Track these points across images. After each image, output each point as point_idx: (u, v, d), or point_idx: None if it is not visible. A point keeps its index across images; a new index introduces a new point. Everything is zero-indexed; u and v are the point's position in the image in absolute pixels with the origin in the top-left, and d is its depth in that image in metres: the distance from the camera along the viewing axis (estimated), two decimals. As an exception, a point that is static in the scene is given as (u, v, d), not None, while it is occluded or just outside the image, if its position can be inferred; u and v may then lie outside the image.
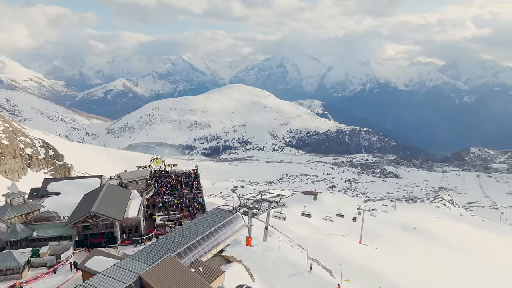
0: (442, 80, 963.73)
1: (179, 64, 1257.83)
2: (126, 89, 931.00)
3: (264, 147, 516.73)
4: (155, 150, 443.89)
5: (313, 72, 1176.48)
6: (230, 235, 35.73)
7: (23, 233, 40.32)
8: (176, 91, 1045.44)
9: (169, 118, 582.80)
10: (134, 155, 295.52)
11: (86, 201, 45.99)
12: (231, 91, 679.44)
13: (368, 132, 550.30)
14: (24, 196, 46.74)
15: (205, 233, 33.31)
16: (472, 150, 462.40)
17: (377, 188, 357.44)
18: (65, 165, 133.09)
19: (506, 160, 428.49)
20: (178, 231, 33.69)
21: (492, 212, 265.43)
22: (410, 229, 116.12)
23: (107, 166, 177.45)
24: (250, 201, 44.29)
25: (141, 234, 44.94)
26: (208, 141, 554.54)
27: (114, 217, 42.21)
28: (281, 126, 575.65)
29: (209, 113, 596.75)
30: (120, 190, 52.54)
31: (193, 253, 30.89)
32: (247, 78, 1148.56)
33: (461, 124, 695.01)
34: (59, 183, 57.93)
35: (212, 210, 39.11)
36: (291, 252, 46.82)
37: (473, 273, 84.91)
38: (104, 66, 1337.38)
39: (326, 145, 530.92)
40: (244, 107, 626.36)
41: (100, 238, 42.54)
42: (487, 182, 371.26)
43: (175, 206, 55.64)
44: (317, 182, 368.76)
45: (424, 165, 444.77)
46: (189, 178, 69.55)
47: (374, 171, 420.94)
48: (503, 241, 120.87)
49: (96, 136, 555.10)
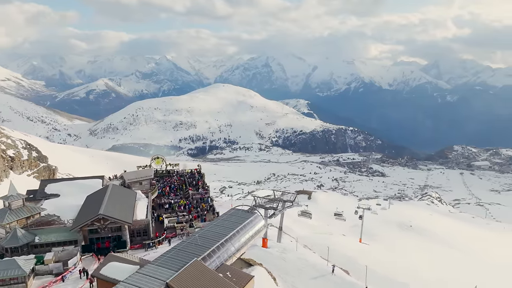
0: (425, 79, 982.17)
1: (163, 64, 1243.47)
2: (108, 89, 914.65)
3: (251, 147, 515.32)
4: (140, 151, 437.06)
5: (298, 71, 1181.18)
6: (252, 236, 33.72)
7: (24, 238, 37.34)
8: (161, 91, 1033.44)
9: (154, 118, 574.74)
10: (119, 156, 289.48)
11: (90, 203, 43.13)
12: (216, 90, 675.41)
13: (354, 131, 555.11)
14: (23, 199, 43.41)
15: (228, 235, 31.23)
16: (455, 148, 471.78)
17: (364, 186, 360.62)
18: (49, 167, 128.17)
19: (488, 157, 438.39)
20: (200, 234, 31.42)
21: (477, 209, 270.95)
22: (406, 227, 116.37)
23: (92, 168, 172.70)
24: (263, 201, 42.24)
25: (150, 237, 42.30)
26: (193, 141, 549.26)
27: (124, 220, 39.58)
28: (267, 125, 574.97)
29: (194, 113, 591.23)
30: (126, 191, 49.78)
31: (218, 257, 28.79)
32: (232, 78, 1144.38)
33: (444, 122, 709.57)
34: (57, 184, 54.63)
35: (230, 211, 36.96)
36: (308, 253, 45.07)
37: (473, 269, 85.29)
38: (86, 66, 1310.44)
39: (312, 144, 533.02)
40: (230, 107, 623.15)
41: (108, 243, 39.84)
42: (471, 179, 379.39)
43: (183, 207, 53.13)
44: (305, 182, 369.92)
45: (410, 163, 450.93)
46: (193, 178, 67.08)
47: (361, 170, 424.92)
48: (495, 237, 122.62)
49: (78, 137, 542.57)
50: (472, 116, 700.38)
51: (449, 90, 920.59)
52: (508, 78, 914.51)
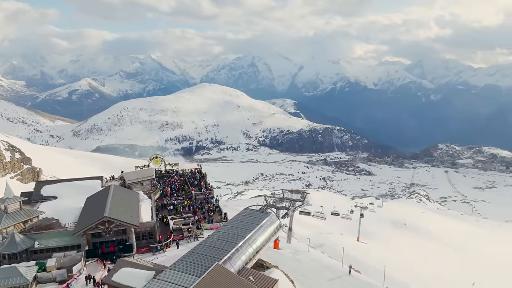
0: (409, 79, 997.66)
1: (147, 63, 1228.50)
2: (92, 89, 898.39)
3: (238, 147, 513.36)
4: (125, 152, 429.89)
5: (284, 71, 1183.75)
6: (269, 237, 32.21)
7: (23, 244, 34.78)
8: (145, 91, 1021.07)
9: (139, 118, 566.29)
10: (105, 157, 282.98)
11: (92, 205, 40.77)
12: (203, 90, 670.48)
13: (341, 131, 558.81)
14: (20, 202, 40.63)
15: (247, 237, 29.63)
16: (440, 146, 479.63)
17: (352, 185, 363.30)
18: (33, 168, 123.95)
19: (471, 155, 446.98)
20: (218, 236, 29.66)
21: (464, 206, 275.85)
22: (400, 225, 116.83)
23: (77, 169, 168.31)
24: (272, 200, 40.72)
25: (157, 240, 40.19)
26: (180, 141, 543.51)
27: (130, 222, 37.44)
28: (254, 125, 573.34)
29: (180, 113, 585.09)
30: (128, 192, 47.44)
31: (239, 260, 27.12)
32: (219, 78, 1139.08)
33: (428, 121, 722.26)
34: (54, 186, 51.74)
35: (244, 211, 35.30)
36: (320, 254, 43.78)
37: (469, 266, 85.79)
38: (68, 65, 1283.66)
39: (299, 144, 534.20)
40: (216, 107, 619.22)
41: (112, 247, 37.56)
42: (455, 177, 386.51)
43: (187, 208, 51.06)
44: (293, 181, 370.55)
45: (396, 162, 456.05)
46: (195, 178, 64.95)
47: (348, 168, 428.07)
48: (487, 234, 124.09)
49: (61, 138, 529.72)
50: (455, 115, 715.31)
51: (432, 89, 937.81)
52: (489, 78, 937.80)
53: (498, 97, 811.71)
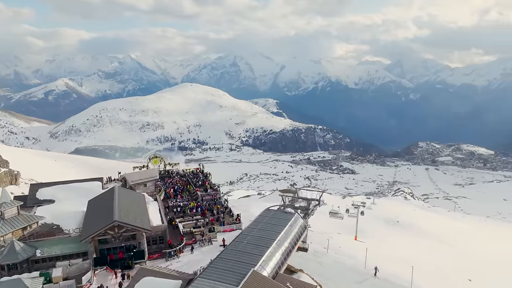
0: (389, 78, 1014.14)
1: (127, 63, 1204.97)
2: (69, 89, 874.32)
3: (221, 147, 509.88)
4: (105, 154, 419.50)
5: (266, 71, 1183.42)
6: (297, 239, 30.13)
7: (24, 252, 31.48)
8: (125, 91, 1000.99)
9: (119, 119, 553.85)
10: (86, 159, 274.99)
11: (97, 209, 37.60)
12: (184, 90, 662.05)
13: (323, 130, 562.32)
14: (18, 207, 36.95)
15: (276, 240, 27.54)
16: (420, 144, 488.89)
17: (336, 184, 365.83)
18: (11, 172, 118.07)
19: (451, 153, 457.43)
20: (248, 240, 27.27)
21: (446, 203, 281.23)
22: (393, 223, 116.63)
23: (57, 172, 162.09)
24: (288, 200, 38.61)
25: (167, 245, 37.34)
26: (161, 142, 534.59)
27: (142, 227, 34.47)
28: (237, 125, 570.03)
29: (162, 113, 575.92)
30: (134, 194, 44.30)
31: (273, 265, 24.86)
32: (200, 77, 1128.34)
33: (408, 119, 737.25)
34: (50, 189, 47.96)
35: (267, 212, 33.03)
36: (340, 255, 41.93)
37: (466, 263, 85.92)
38: (44, 65, 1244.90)
39: (282, 143, 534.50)
40: (198, 107, 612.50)
41: (121, 253, 34.50)
42: (436, 174, 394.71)
43: (195, 210, 48.22)
44: (278, 181, 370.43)
45: (378, 160, 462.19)
46: (198, 178, 62.01)
47: (332, 167, 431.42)
48: (477, 231, 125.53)
49: (37, 140, 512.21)
50: (434, 114, 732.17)
51: (412, 88, 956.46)
52: (465, 77, 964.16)
53: (474, 96, 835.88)
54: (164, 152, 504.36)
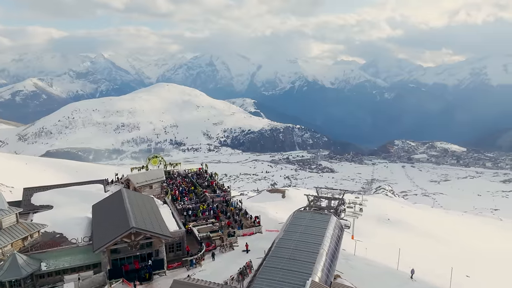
0: (364, 78, 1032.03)
1: (99, 63, 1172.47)
2: (38, 89, 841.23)
3: (199, 147, 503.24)
4: (78, 156, 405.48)
5: (243, 70, 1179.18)
6: (339, 242, 27.34)
7: (27, 267, 26.93)
8: (98, 91, 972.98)
9: (93, 120, 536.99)
10: (59, 162, 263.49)
11: (105, 215, 33.27)
12: (160, 90, 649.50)
13: (301, 129, 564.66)
14: (17, 214, 32.10)
15: (323, 244, 24.56)
16: (396, 142, 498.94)
17: (316, 183, 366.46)
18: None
19: (425, 150, 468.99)
20: (294, 246, 24.27)
21: (425, 199, 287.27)
22: (384, 220, 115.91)
23: (29, 175, 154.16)
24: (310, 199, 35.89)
25: (185, 252, 33.72)
26: (137, 144, 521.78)
27: (162, 233, 30.59)
28: (215, 125, 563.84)
29: (137, 114, 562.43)
30: (143, 197, 39.80)
31: (327, 272, 22.09)
32: (176, 77, 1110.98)
33: (383, 118, 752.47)
34: (47, 193, 42.83)
35: (299, 214, 30.05)
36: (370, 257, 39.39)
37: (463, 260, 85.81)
38: (10, 65, 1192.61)
39: (261, 143, 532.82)
40: (175, 107, 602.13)
41: (137, 263, 30.57)
42: (412, 171, 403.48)
43: (207, 213, 44.54)
44: (258, 181, 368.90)
45: (355, 159, 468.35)
46: (203, 179, 58.12)
47: (311, 166, 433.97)
48: (467, 227, 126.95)
49: (4, 143, 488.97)
50: (408, 112, 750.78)
51: (386, 87, 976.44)
52: (437, 76, 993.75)
53: (445, 95, 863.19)
54: (140, 153, 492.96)
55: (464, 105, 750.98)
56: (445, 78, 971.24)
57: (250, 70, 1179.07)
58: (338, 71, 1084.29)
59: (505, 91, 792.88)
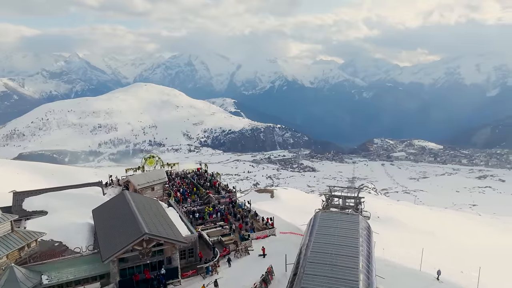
0: (343, 77, 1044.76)
1: (74, 62, 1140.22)
2: (9, 90, 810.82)
3: (180, 148, 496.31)
4: (53, 159, 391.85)
5: (222, 70, 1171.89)
6: (371, 243, 25.19)
7: (27, 280, 23.68)
8: (73, 91, 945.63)
9: (68, 121, 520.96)
10: (34, 165, 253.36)
11: (109, 220, 29.97)
12: (138, 90, 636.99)
13: (282, 129, 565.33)
14: (12, 221, 28.22)
15: (359, 247, 22.34)
16: (375, 141, 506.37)
17: (298, 182, 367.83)
18: None
19: (404, 148, 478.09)
20: (332, 250, 21.85)
21: (406, 196, 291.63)
22: (375, 218, 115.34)
23: (1, 179, 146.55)
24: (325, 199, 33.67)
25: (198, 259, 30.75)
26: (115, 145, 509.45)
27: (176, 239, 27.57)
28: (195, 125, 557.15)
29: (114, 114, 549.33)
30: (148, 200, 36.58)
31: (372, 278, 19.83)
32: (153, 77, 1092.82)
33: (362, 117, 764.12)
34: (39, 197, 38.70)
35: (324, 215, 27.72)
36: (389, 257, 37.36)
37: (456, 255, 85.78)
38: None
39: (242, 143, 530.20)
40: (153, 107, 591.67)
41: (148, 273, 27.41)
42: (391, 169, 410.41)
43: (214, 215, 41.56)
44: (241, 181, 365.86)
45: (336, 158, 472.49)
46: (205, 179, 54.93)
47: (292, 166, 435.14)
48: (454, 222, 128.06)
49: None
50: (386, 111, 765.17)
51: (364, 87, 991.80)
52: (414, 76, 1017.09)
53: (422, 94, 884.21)
54: (118, 155, 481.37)
55: (439, 103, 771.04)
56: (421, 78, 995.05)
57: (229, 70, 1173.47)
58: (317, 71, 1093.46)
59: (477, 90, 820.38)
